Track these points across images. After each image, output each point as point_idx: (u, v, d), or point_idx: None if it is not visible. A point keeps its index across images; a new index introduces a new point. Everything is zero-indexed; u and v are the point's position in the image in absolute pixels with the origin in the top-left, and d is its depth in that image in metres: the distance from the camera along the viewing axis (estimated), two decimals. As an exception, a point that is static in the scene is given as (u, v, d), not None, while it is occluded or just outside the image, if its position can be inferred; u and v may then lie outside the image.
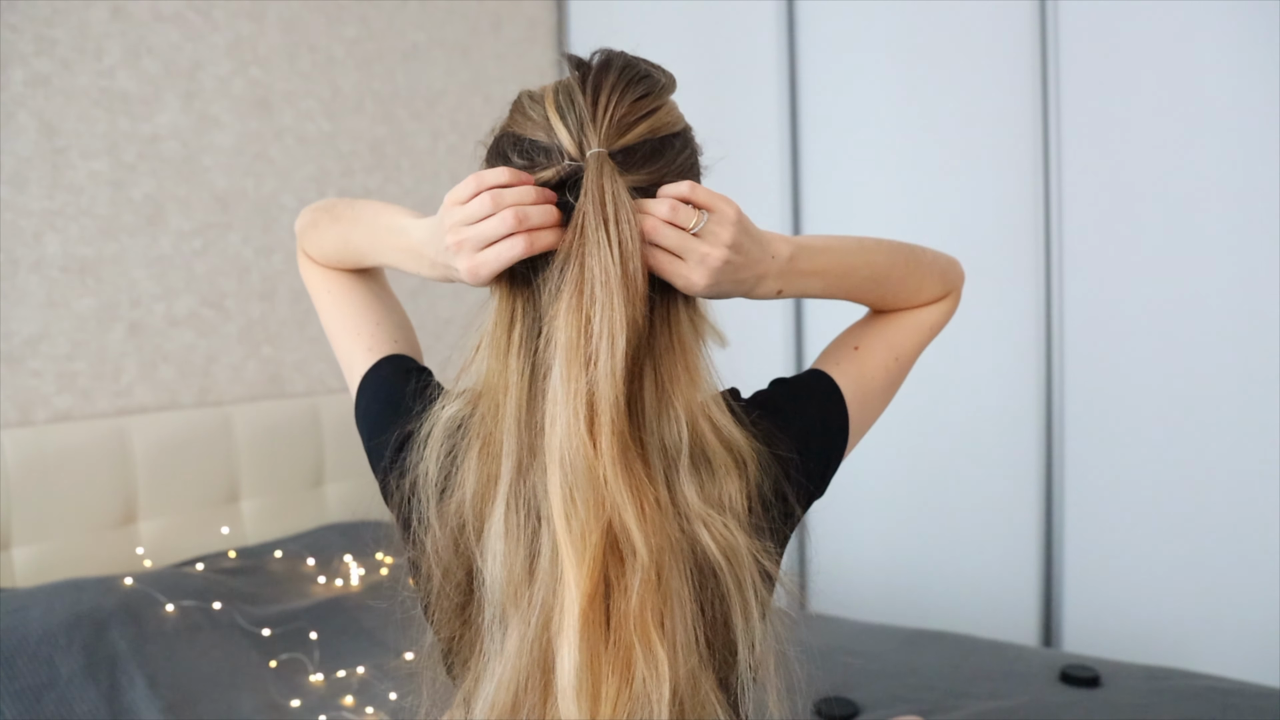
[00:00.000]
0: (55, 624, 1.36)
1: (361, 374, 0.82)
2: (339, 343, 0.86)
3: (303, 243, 0.91)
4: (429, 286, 2.41)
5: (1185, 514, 1.95)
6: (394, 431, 0.75)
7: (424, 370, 0.82)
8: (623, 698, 0.60)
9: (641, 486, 0.62)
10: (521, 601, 0.64)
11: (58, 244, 1.73)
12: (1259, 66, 1.81)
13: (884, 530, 2.36)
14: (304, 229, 0.90)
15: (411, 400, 0.76)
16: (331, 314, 0.88)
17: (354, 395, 0.83)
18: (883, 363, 0.85)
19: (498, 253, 0.64)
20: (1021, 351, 2.15)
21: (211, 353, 1.97)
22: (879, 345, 0.86)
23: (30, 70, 1.68)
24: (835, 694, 1.43)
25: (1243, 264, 1.87)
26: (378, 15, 2.32)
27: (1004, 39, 2.11)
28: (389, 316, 0.87)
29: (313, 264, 0.90)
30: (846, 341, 0.87)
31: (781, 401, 0.78)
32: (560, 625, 0.61)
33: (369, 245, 0.82)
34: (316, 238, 0.88)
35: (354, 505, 2.14)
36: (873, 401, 0.84)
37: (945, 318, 0.91)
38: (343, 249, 0.85)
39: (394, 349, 0.83)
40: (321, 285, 0.89)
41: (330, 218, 0.87)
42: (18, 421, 1.67)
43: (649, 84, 0.68)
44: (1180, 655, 1.91)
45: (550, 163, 0.66)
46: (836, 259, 0.78)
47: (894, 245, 0.86)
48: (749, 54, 2.46)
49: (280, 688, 1.43)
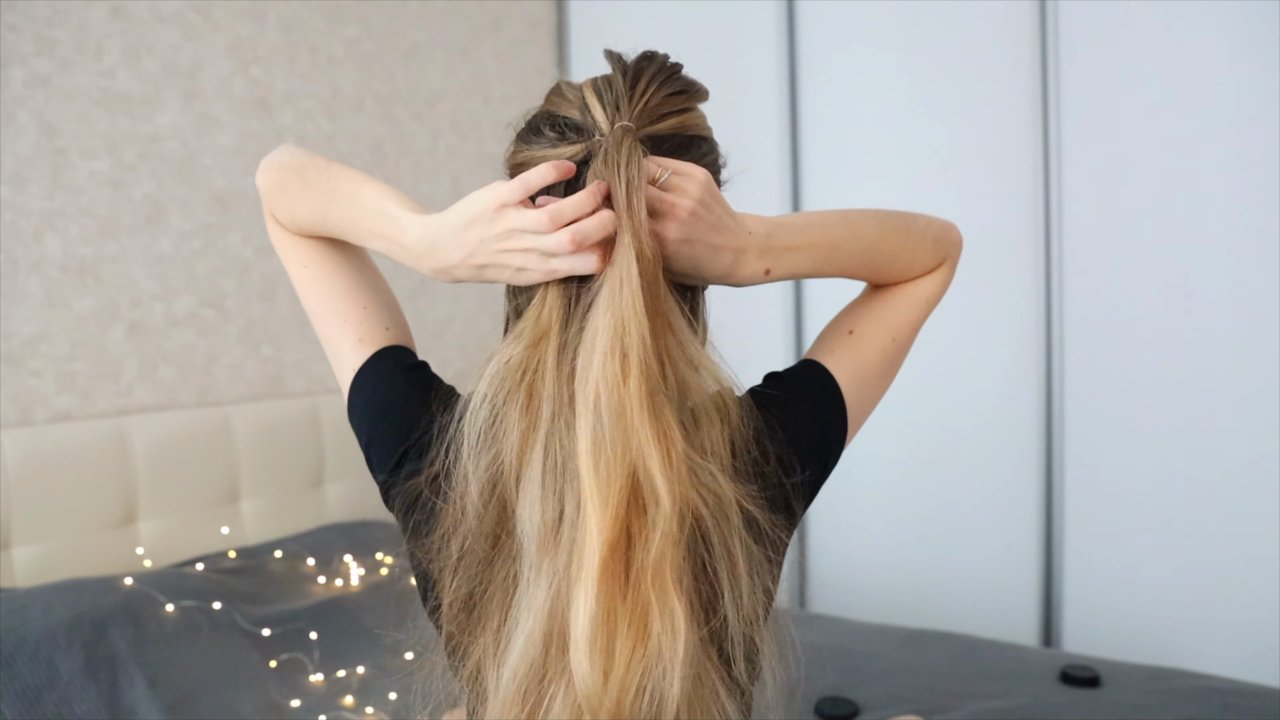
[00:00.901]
0: (55, 624, 1.36)
1: (354, 370, 0.78)
2: (323, 326, 0.80)
3: (270, 205, 0.82)
4: (429, 286, 2.41)
5: (1185, 514, 1.95)
6: (397, 436, 0.74)
7: (422, 364, 0.79)
8: (637, 654, 0.59)
9: (669, 432, 0.61)
10: (549, 552, 0.63)
11: (58, 244, 1.73)
12: (1259, 66, 1.81)
13: (884, 530, 2.36)
14: (270, 190, 0.82)
15: (416, 406, 0.74)
16: (312, 294, 0.81)
17: (345, 389, 0.78)
18: (880, 345, 0.83)
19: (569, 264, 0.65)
20: (1021, 351, 2.15)
21: (211, 353, 1.97)
22: (874, 327, 0.83)
23: (30, 70, 1.68)
24: (835, 694, 1.43)
25: (1243, 263, 1.87)
26: (378, 15, 2.32)
27: (1004, 39, 2.11)
28: (377, 298, 0.82)
29: (283, 231, 0.83)
30: (841, 326, 0.85)
31: (774, 395, 0.76)
32: (579, 574, 0.60)
33: (349, 227, 0.76)
34: (287, 204, 0.80)
35: (354, 505, 2.14)
36: (872, 386, 0.82)
37: (941, 288, 0.88)
38: (319, 223, 0.79)
39: (387, 339, 0.79)
40: (297, 258, 0.82)
41: (301, 183, 0.79)
42: (18, 421, 1.67)
43: (686, 84, 0.71)
44: (1180, 655, 1.91)
45: (580, 139, 0.68)
46: (820, 234, 0.77)
47: (882, 215, 0.82)
48: (749, 54, 2.46)
49: (280, 688, 1.43)
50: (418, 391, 0.76)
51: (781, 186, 2.43)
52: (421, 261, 0.71)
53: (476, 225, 0.67)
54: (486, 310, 2.57)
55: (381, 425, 0.75)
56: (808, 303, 2.45)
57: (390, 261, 0.83)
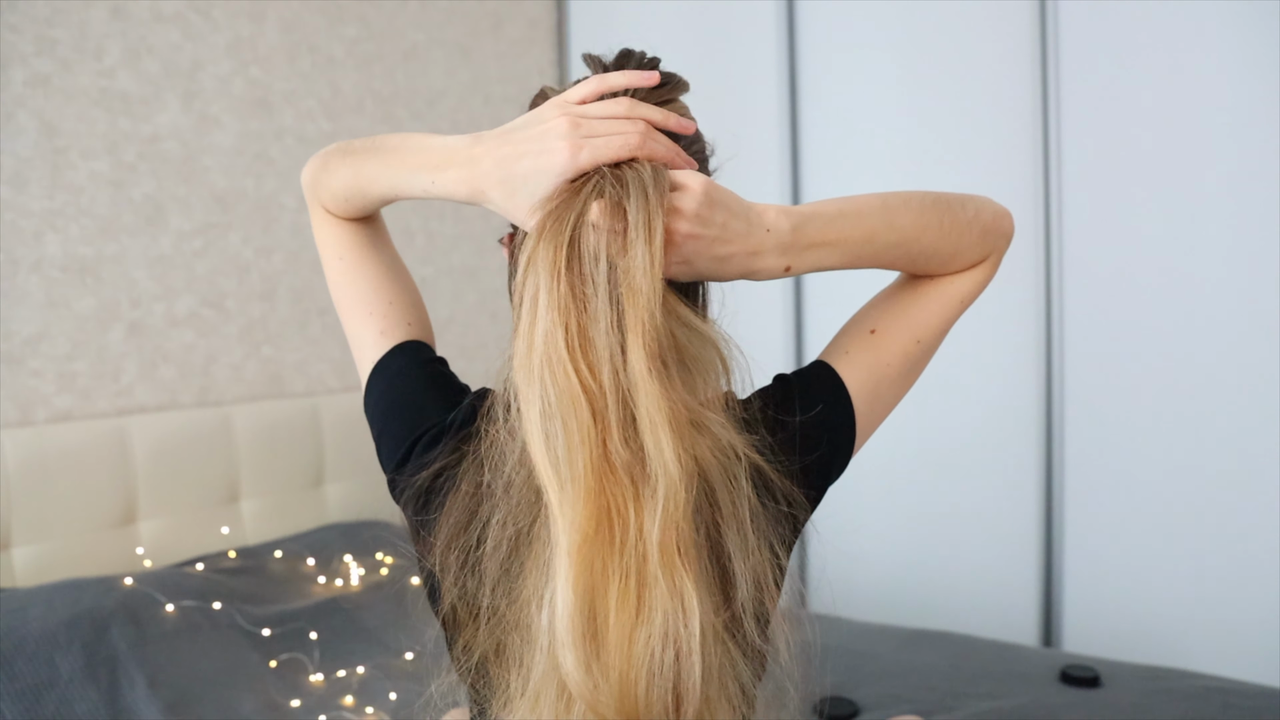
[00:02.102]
0: (55, 624, 1.36)
1: (374, 361, 0.78)
2: (350, 319, 0.81)
3: (314, 189, 0.82)
4: (429, 286, 2.41)
5: (1185, 514, 1.95)
6: (407, 428, 0.74)
7: (440, 360, 0.79)
8: (639, 639, 0.55)
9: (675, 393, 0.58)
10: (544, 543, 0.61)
11: (58, 244, 1.73)
12: (1259, 66, 1.81)
13: (884, 530, 2.36)
14: (315, 174, 0.81)
15: (428, 400, 0.74)
16: (343, 286, 0.81)
17: (364, 380, 0.79)
18: (902, 348, 0.77)
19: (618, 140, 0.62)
20: (1021, 351, 2.15)
21: (211, 353, 1.97)
22: (898, 327, 0.77)
23: (30, 70, 1.68)
24: (835, 694, 1.43)
25: (1243, 263, 1.87)
26: (378, 15, 2.32)
27: (1004, 39, 2.11)
28: (403, 295, 0.82)
29: (325, 216, 0.82)
30: (862, 324, 0.78)
31: (783, 399, 0.73)
32: (556, 566, 0.57)
33: (379, 169, 0.73)
34: (327, 180, 0.79)
35: (354, 505, 2.14)
36: (887, 393, 0.77)
37: (981, 287, 0.80)
38: (351, 184, 0.77)
39: (408, 334, 0.79)
40: (334, 249, 0.82)
41: (343, 154, 0.79)
42: (18, 421, 1.67)
43: (666, 76, 0.70)
44: (1180, 655, 1.91)
45: None
46: (854, 224, 0.70)
47: (927, 202, 0.74)
48: (749, 54, 2.46)
49: (280, 688, 1.43)
50: (432, 386, 0.76)
51: (781, 187, 2.43)
52: (447, 173, 0.67)
53: (549, 106, 0.65)
54: (486, 310, 2.57)
55: (393, 417, 0.75)
56: (808, 299, 2.45)
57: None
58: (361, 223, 0.83)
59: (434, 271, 2.43)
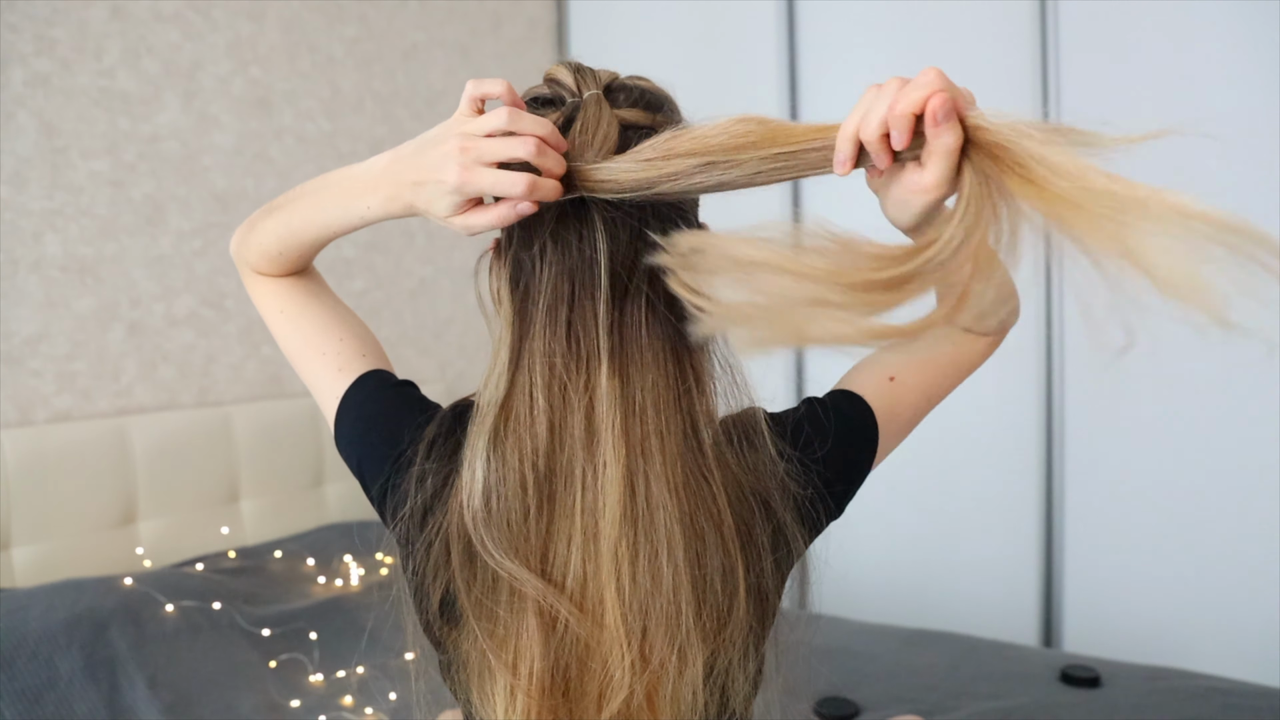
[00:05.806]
0: (55, 624, 1.36)
1: (339, 397, 0.77)
2: (304, 365, 0.80)
3: (244, 255, 0.83)
4: (429, 287, 2.41)
5: (1185, 514, 1.95)
6: (387, 445, 0.73)
7: (407, 382, 0.79)
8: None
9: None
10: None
11: (58, 244, 1.73)
12: (1259, 67, 1.81)
13: (884, 530, 2.36)
14: (241, 241, 0.83)
15: (404, 417, 0.74)
16: (291, 336, 0.81)
17: (332, 421, 0.78)
18: (914, 402, 0.78)
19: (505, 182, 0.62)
20: (1021, 351, 2.14)
21: (211, 353, 1.97)
22: (914, 384, 0.78)
23: (30, 70, 1.68)
24: (835, 694, 1.43)
25: (1243, 264, 1.86)
26: (378, 15, 2.32)
27: (1004, 39, 2.11)
28: (350, 330, 0.81)
29: (258, 279, 0.83)
30: (882, 367, 0.78)
31: (816, 421, 0.74)
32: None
33: (310, 211, 0.74)
34: (255, 241, 0.80)
35: (354, 505, 2.14)
36: (892, 439, 0.78)
37: (984, 360, 0.81)
38: (283, 235, 0.77)
39: (365, 365, 0.79)
40: (273, 304, 0.82)
41: (264, 213, 0.80)
42: (18, 421, 1.67)
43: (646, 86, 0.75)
44: (1180, 655, 1.91)
45: (555, 109, 0.71)
46: None
47: None
48: (749, 54, 2.45)
49: (280, 688, 1.43)
50: (405, 405, 0.75)
51: (781, 186, 2.43)
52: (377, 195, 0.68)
53: (446, 128, 0.66)
54: (486, 310, 2.57)
55: (371, 438, 0.74)
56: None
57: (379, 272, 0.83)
58: (296, 276, 0.83)
59: (434, 271, 2.43)
